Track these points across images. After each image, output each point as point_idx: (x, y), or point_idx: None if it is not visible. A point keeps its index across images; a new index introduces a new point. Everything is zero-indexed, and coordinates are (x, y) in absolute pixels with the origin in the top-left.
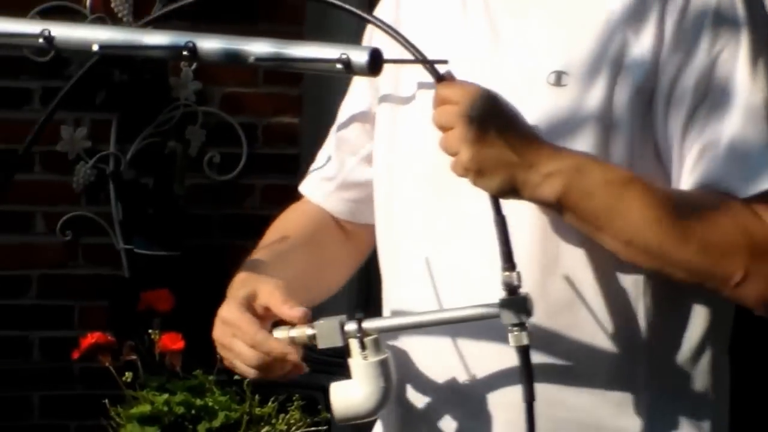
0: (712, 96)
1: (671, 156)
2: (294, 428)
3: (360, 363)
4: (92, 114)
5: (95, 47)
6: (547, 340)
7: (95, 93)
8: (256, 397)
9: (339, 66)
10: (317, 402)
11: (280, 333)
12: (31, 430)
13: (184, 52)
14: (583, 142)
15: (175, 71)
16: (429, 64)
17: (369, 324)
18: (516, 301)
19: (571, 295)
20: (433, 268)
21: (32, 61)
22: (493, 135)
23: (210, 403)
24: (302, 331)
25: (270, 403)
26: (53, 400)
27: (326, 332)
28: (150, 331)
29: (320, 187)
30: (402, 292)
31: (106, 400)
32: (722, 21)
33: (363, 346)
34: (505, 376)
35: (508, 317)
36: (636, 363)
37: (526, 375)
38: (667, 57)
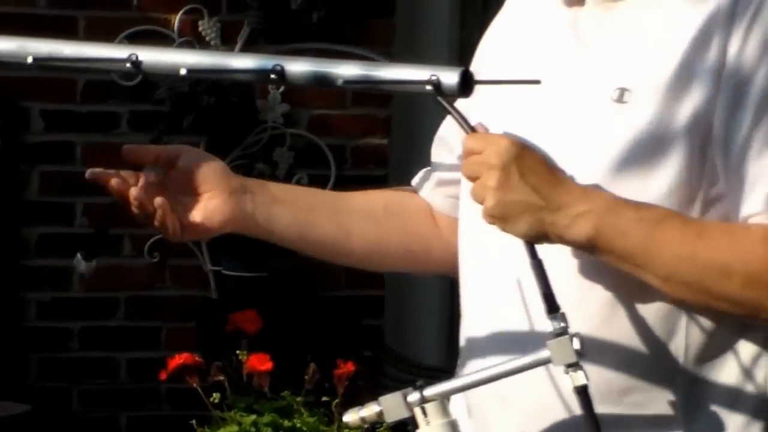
0: None
1: (727, 183)
2: None
3: (426, 430)
4: (180, 137)
5: (183, 71)
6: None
7: (183, 116)
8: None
9: (429, 87)
10: (407, 424)
11: (350, 416)
12: None
13: (272, 76)
14: (636, 160)
15: (262, 93)
16: (520, 84)
17: (430, 391)
18: (563, 343)
19: (609, 311)
20: (487, 284)
21: (120, 85)
22: (516, 180)
23: (298, 425)
24: (370, 410)
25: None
26: (141, 420)
27: (392, 406)
28: (238, 351)
29: (424, 181)
30: (465, 301)
31: (194, 421)
32: None
33: (425, 413)
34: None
35: (559, 359)
36: (673, 381)
37: (588, 413)
38: (726, 82)
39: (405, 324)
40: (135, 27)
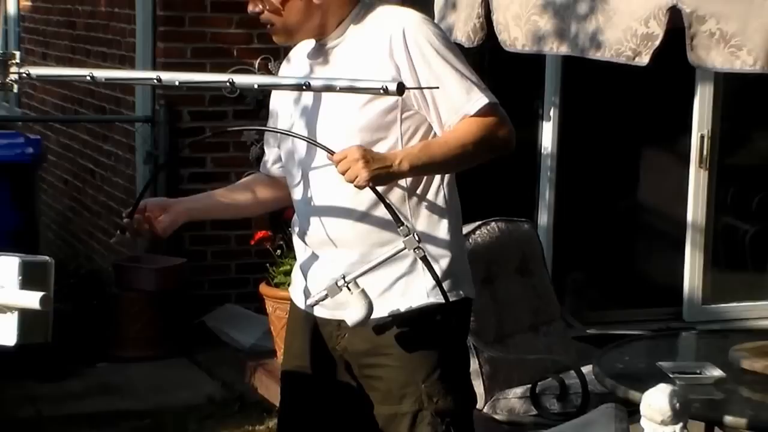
0: (438, 95)
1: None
2: None
3: (355, 295)
4: (261, 121)
5: (255, 85)
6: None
7: (260, 110)
8: None
9: (381, 91)
10: None
11: (311, 300)
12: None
13: (303, 87)
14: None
15: None
16: (425, 89)
17: (349, 278)
18: (411, 239)
19: (372, 207)
20: (310, 206)
21: (227, 96)
22: (370, 161)
23: None
24: (321, 294)
25: None
26: (243, 265)
27: (331, 290)
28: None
29: (265, 166)
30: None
31: (268, 264)
32: (417, 53)
33: (350, 289)
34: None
35: (410, 246)
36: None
37: (431, 272)
38: (407, 75)
39: None
40: (235, 66)
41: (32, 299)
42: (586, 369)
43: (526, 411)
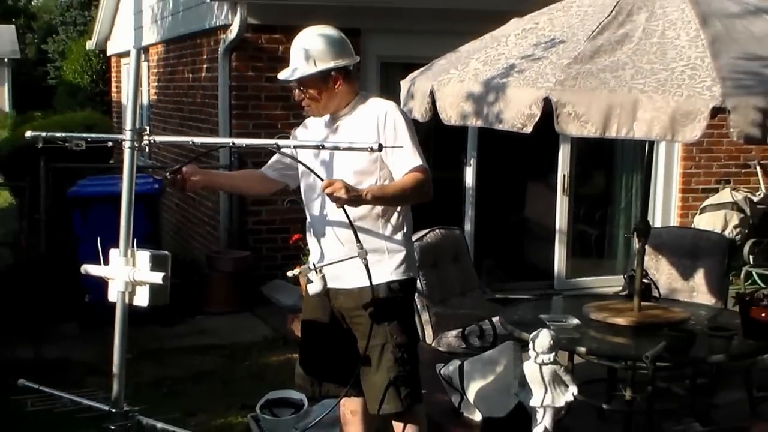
0: (397, 153)
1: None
2: None
3: (317, 276)
4: None
5: (292, 146)
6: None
7: None
8: None
9: (369, 149)
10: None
11: (290, 273)
12: None
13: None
14: (367, 172)
15: None
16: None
17: (318, 265)
18: (362, 252)
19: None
20: (317, 223)
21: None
22: (349, 190)
23: None
24: (296, 270)
25: None
26: (286, 251)
27: (305, 269)
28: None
29: (266, 169)
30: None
31: (302, 255)
32: (390, 127)
33: (317, 272)
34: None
35: (361, 254)
36: (383, 231)
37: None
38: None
39: None
40: (279, 134)
41: (157, 277)
42: (496, 319)
43: (459, 345)
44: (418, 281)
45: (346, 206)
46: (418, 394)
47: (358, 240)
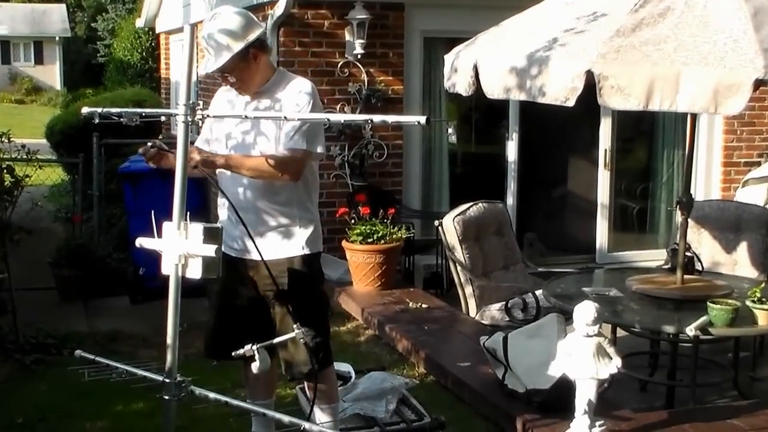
0: (285, 128)
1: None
2: None
3: (262, 354)
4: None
5: (343, 120)
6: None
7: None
8: None
9: (416, 123)
10: None
11: (235, 353)
12: None
13: (367, 123)
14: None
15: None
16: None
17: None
18: (300, 333)
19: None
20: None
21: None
22: (201, 152)
23: (376, 228)
24: (241, 351)
25: None
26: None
27: (247, 351)
28: (359, 206)
29: (200, 142)
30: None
31: (346, 229)
32: (296, 103)
33: (257, 353)
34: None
35: (299, 335)
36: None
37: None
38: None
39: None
40: (326, 110)
41: (210, 250)
42: (539, 292)
43: (502, 318)
44: (457, 253)
45: (205, 169)
46: (329, 358)
47: (268, 216)
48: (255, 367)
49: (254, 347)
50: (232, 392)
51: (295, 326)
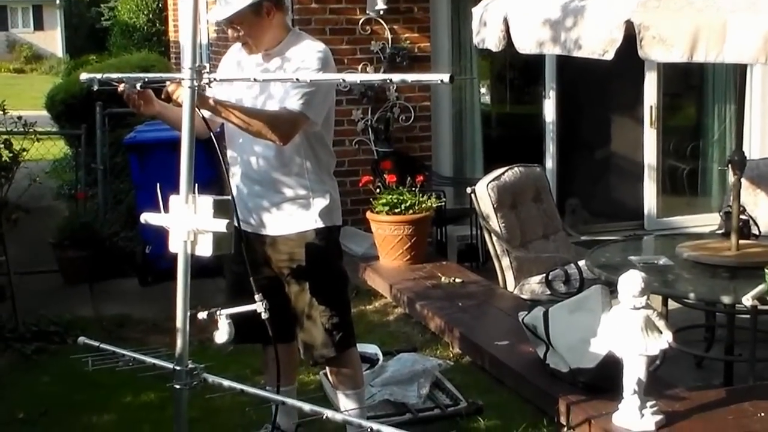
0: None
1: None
2: None
3: (222, 321)
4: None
5: (359, 81)
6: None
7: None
8: None
9: (439, 82)
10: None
11: (200, 314)
12: None
13: (389, 82)
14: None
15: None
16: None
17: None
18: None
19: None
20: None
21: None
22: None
23: (404, 197)
24: (204, 314)
25: None
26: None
27: (210, 314)
28: (385, 174)
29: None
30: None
31: (371, 198)
32: (306, 64)
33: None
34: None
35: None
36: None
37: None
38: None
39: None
40: (346, 69)
41: (221, 225)
42: (582, 262)
43: (543, 292)
44: (492, 222)
45: (257, 149)
46: (351, 339)
47: (280, 185)
48: (217, 336)
49: (219, 312)
50: (252, 379)
51: (257, 296)
